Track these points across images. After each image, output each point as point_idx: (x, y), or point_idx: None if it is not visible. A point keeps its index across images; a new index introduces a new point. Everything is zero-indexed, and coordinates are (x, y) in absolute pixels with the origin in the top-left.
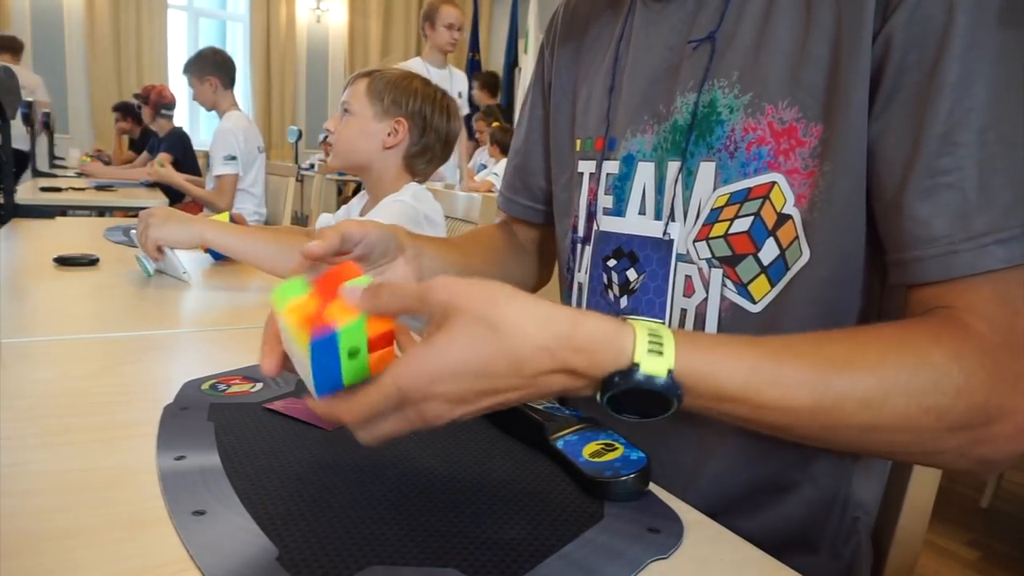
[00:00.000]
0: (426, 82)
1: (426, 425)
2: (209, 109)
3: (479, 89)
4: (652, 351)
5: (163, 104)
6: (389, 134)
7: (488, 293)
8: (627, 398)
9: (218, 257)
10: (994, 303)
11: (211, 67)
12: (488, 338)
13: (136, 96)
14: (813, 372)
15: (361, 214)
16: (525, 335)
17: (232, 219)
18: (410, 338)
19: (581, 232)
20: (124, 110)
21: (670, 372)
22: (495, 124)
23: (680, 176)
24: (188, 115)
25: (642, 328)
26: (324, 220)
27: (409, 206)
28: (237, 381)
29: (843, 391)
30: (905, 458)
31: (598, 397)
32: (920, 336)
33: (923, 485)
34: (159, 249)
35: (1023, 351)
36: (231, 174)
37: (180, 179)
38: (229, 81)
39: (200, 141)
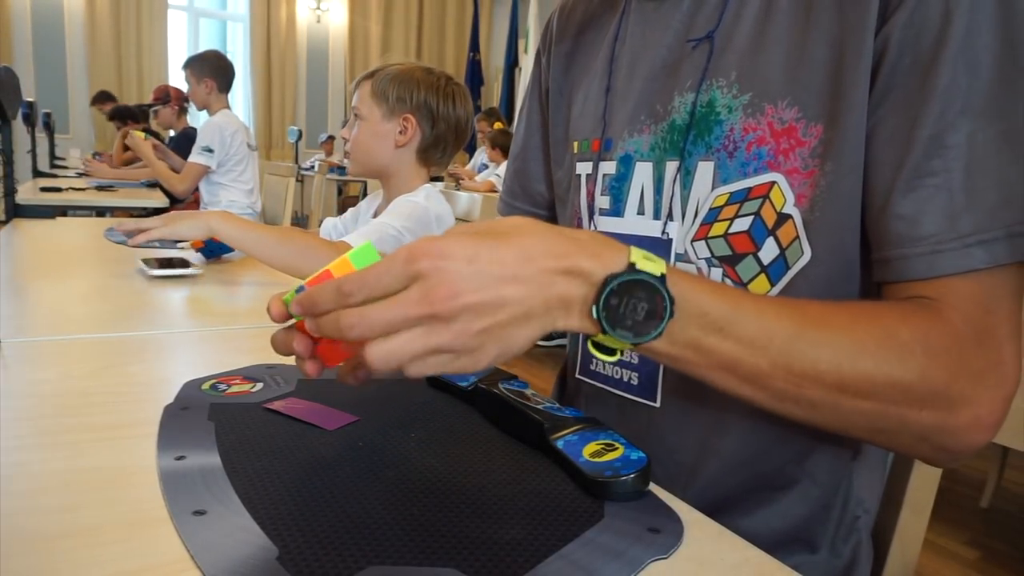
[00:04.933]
0: (428, 71)
1: (432, 310)
2: (200, 109)
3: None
4: (647, 258)
5: (185, 97)
6: (400, 132)
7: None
8: (621, 304)
9: (209, 255)
10: (969, 300)
11: (211, 70)
12: (501, 232)
13: (154, 102)
14: (790, 319)
15: (375, 214)
16: (531, 232)
17: None
18: None
19: None
20: (122, 116)
21: (663, 275)
22: (497, 125)
23: (679, 176)
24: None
25: (635, 247)
26: (329, 225)
27: (420, 206)
28: (237, 381)
29: (816, 341)
30: (872, 435)
31: (593, 311)
32: (890, 314)
33: (923, 484)
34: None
35: (990, 347)
36: (201, 164)
37: (150, 152)
38: (226, 86)
39: None
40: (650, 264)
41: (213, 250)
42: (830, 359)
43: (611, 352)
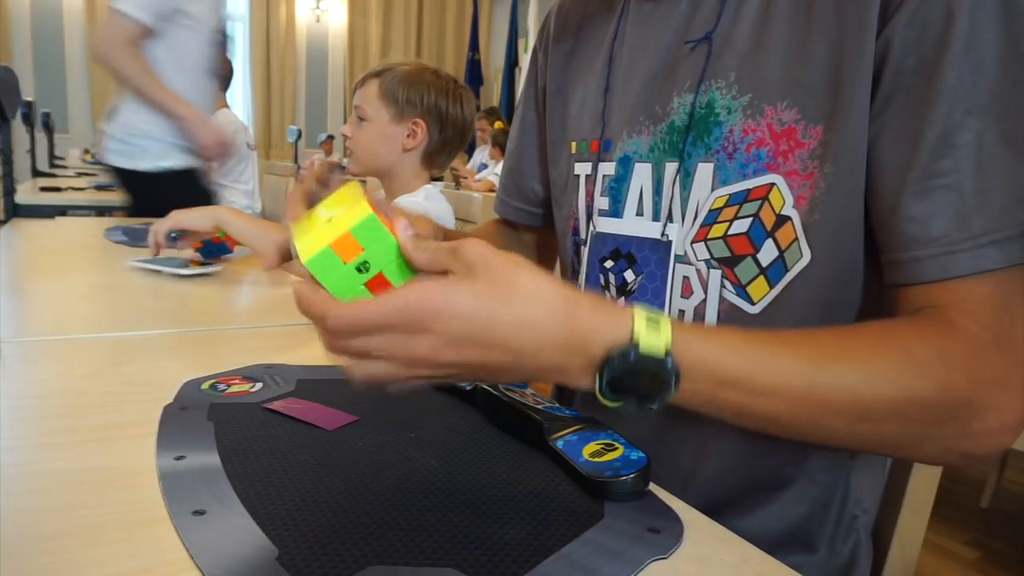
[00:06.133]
0: (437, 73)
1: (408, 361)
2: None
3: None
4: (650, 329)
5: None
6: (408, 135)
7: (512, 260)
8: (625, 379)
9: (208, 255)
10: (984, 302)
11: None
12: (502, 295)
13: None
14: (806, 361)
15: None
16: (535, 302)
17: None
18: None
19: (582, 234)
20: None
21: (668, 351)
22: (497, 124)
23: (678, 177)
24: None
25: (640, 312)
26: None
27: (420, 206)
28: (237, 381)
29: (834, 380)
30: (893, 451)
31: (596, 382)
32: (906, 333)
33: (923, 484)
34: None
35: (1009, 349)
36: None
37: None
38: (225, 84)
39: None
40: (653, 338)
41: (212, 250)
42: (849, 392)
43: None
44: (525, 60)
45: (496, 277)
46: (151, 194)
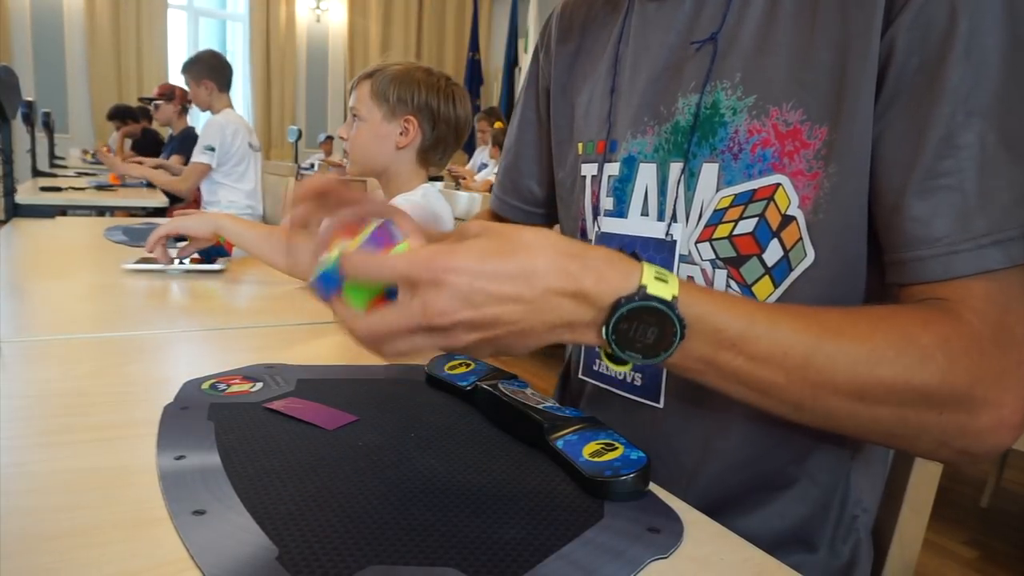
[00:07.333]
0: (428, 71)
1: (428, 323)
2: (204, 110)
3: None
4: (658, 279)
5: (188, 101)
6: (401, 133)
7: (512, 225)
8: (631, 329)
9: (210, 256)
10: (986, 300)
11: (207, 71)
12: (506, 247)
13: (156, 96)
14: (807, 332)
15: None
16: (541, 249)
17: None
18: None
19: (589, 235)
20: (122, 115)
21: (674, 298)
22: (497, 124)
23: (683, 177)
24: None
25: (648, 264)
26: (328, 224)
27: (419, 206)
28: (237, 381)
29: (833, 353)
30: (891, 440)
31: (603, 332)
32: (910, 318)
33: (923, 484)
34: (164, 247)
35: (1010, 347)
36: (202, 163)
37: (150, 173)
38: (225, 84)
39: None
40: (661, 286)
41: (208, 252)
42: (848, 368)
43: (623, 362)
44: (525, 60)
45: (498, 238)
46: None
